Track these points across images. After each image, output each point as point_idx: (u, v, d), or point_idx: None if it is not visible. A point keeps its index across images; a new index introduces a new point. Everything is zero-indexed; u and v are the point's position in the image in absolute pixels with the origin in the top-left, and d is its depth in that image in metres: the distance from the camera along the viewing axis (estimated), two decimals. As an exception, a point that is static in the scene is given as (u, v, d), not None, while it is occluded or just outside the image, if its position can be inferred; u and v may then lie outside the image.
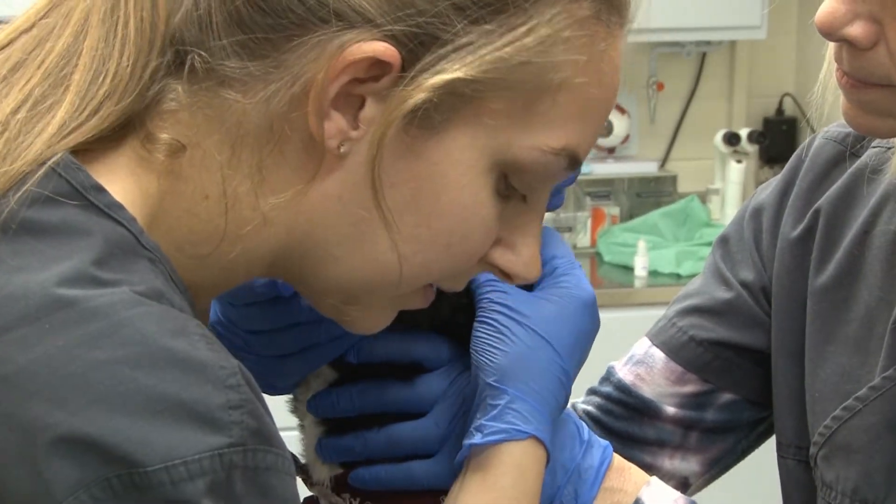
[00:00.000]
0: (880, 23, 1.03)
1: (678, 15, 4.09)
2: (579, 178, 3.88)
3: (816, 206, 1.29)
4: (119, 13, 0.82)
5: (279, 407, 1.03)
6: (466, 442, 1.00)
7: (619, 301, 3.90)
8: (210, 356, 0.76)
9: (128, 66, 0.83)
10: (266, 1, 0.80)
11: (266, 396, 0.83)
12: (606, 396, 1.35)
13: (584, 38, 0.85)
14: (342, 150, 0.82)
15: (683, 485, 1.27)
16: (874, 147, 1.27)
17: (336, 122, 0.81)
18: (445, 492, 1.06)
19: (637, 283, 3.97)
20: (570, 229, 4.32)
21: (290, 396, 1.13)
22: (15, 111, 0.81)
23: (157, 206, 0.85)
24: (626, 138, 4.43)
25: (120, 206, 0.81)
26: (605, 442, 1.12)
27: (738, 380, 1.32)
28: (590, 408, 1.36)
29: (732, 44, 4.50)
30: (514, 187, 0.88)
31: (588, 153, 0.89)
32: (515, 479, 1.02)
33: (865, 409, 1.18)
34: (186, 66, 0.83)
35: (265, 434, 0.77)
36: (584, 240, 4.31)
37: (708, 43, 4.46)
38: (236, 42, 0.81)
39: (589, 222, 4.33)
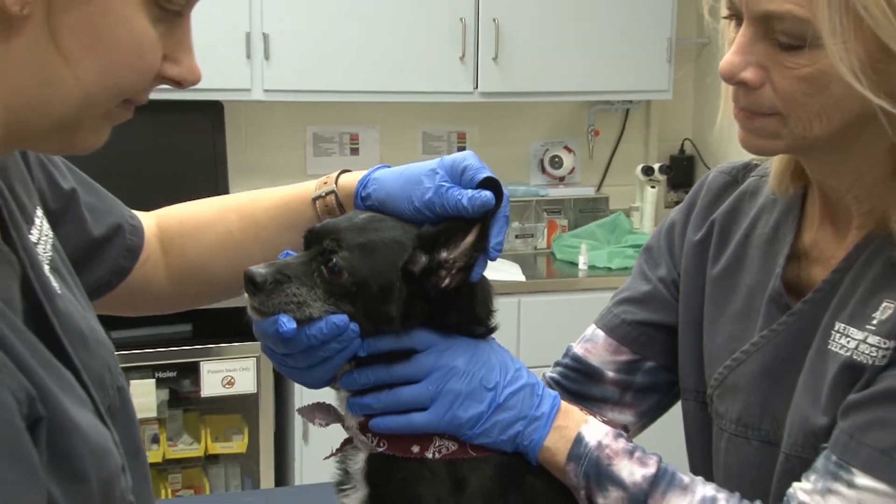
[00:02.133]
0: (766, 69, 1.02)
1: (609, 82, 4.07)
2: (538, 197, 3.90)
3: (712, 218, 1.29)
4: None
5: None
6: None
7: (567, 287, 3.84)
8: None
9: None
10: None
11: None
12: (565, 366, 1.34)
13: None
14: (25, 11, 0.75)
15: (624, 430, 1.25)
16: (752, 177, 1.28)
17: None
18: (437, 434, 1.07)
19: (580, 275, 3.94)
20: (532, 236, 4.29)
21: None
22: None
23: None
24: (573, 170, 4.41)
25: None
26: (554, 393, 1.12)
27: (657, 350, 1.31)
28: (555, 375, 1.34)
29: (648, 102, 4.48)
30: (166, 9, 0.82)
31: None
32: None
33: (748, 360, 1.18)
34: None
35: None
36: (541, 243, 4.31)
37: (630, 102, 4.43)
38: None
39: (545, 231, 4.31)
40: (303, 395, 3.50)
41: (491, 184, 1.03)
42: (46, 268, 0.92)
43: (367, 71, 3.74)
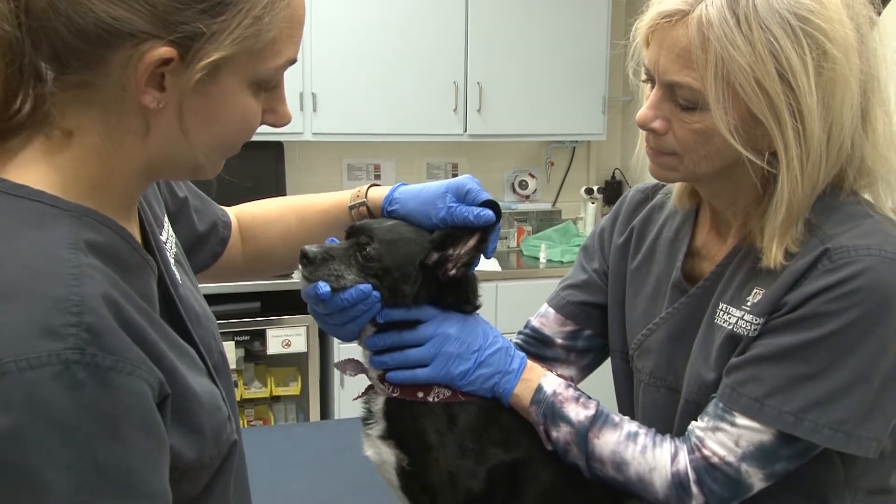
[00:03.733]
0: (670, 121, 1.02)
1: (561, 127, 4.06)
2: (510, 210, 3.88)
3: (631, 225, 1.27)
4: None
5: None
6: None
7: (531, 275, 3.82)
8: (63, 292, 0.66)
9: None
10: (85, 33, 0.71)
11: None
12: (526, 335, 1.33)
13: (277, 4, 0.76)
14: (159, 106, 0.75)
15: (570, 381, 1.25)
16: (660, 195, 1.27)
17: (150, 94, 0.74)
18: (436, 384, 1.07)
19: (541, 266, 3.91)
20: (506, 238, 4.28)
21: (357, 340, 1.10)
22: None
23: (72, 174, 0.75)
24: (535, 190, 4.38)
25: (26, 189, 0.72)
26: (522, 354, 1.13)
27: (593, 322, 1.29)
28: (518, 341, 1.33)
29: (589, 142, 4.45)
30: (265, 87, 0.81)
31: (298, 50, 0.81)
32: None
33: (658, 330, 1.17)
34: (49, 83, 0.75)
35: (104, 344, 0.65)
36: (513, 243, 4.29)
37: (576, 141, 4.41)
38: (74, 64, 0.73)
39: (516, 234, 4.29)
40: (339, 353, 3.50)
41: (491, 205, 1.05)
42: (172, 262, 0.92)
43: (386, 119, 3.73)
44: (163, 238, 0.93)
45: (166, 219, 0.98)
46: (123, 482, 0.66)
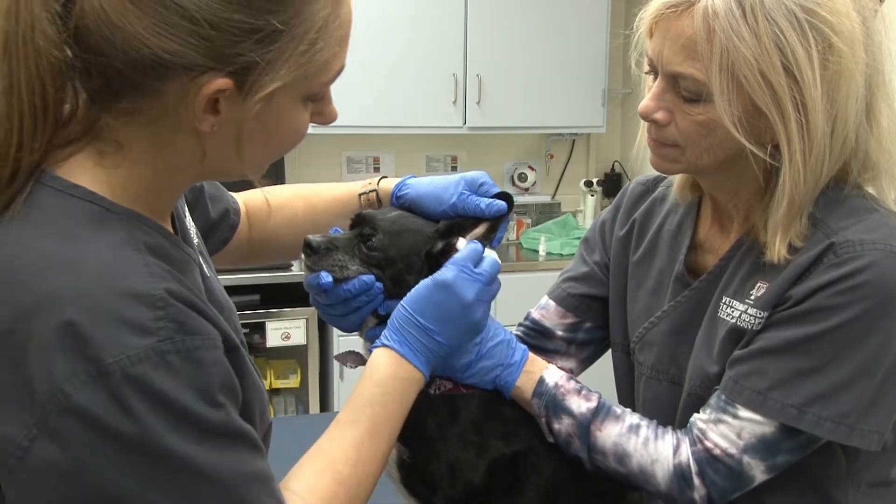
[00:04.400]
0: (672, 112, 1.02)
1: (560, 120, 4.02)
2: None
3: (633, 217, 1.27)
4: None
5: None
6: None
7: (531, 268, 3.81)
8: (144, 288, 0.70)
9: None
10: (140, 67, 0.72)
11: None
12: (526, 327, 1.32)
13: (329, 26, 0.77)
14: (213, 129, 0.76)
15: (570, 373, 1.25)
16: (661, 187, 1.26)
17: (206, 120, 0.75)
18: (437, 376, 1.06)
19: (540, 259, 3.91)
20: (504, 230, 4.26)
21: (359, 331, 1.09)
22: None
23: (121, 180, 0.77)
24: (534, 183, 4.37)
25: (83, 190, 0.75)
26: (524, 346, 1.11)
27: (593, 315, 1.29)
28: (518, 333, 1.32)
29: (588, 135, 4.44)
30: (316, 98, 0.82)
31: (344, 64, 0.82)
32: (368, 372, 0.95)
33: (660, 323, 1.17)
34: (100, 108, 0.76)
35: (187, 328, 0.71)
36: (512, 236, 4.29)
37: (576, 134, 4.39)
38: (138, 92, 0.74)
39: (515, 227, 4.29)
40: (338, 346, 3.50)
41: (505, 196, 1.06)
42: (198, 254, 0.93)
43: (386, 112, 3.72)
44: (189, 229, 0.94)
45: (186, 208, 0.98)
46: (230, 434, 0.73)
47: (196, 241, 0.96)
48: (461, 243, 1.03)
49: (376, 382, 0.92)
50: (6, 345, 0.68)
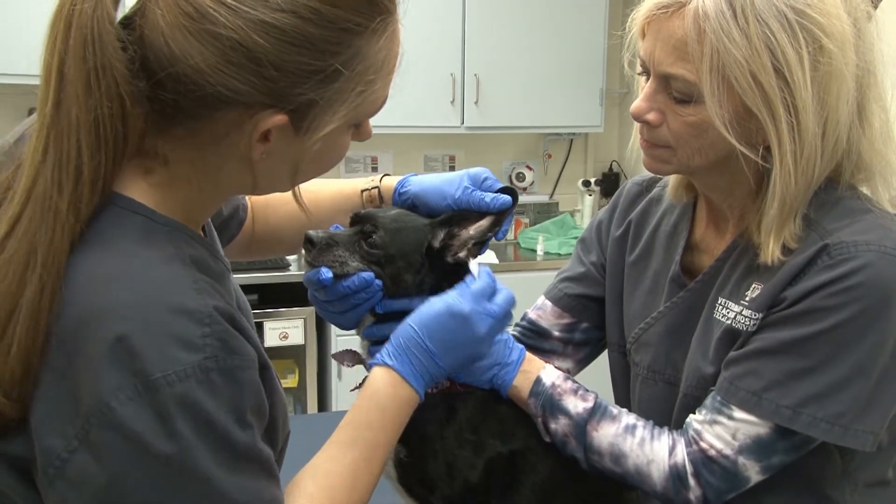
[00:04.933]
0: (664, 113, 1.02)
1: (558, 119, 4.03)
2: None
3: (629, 218, 1.27)
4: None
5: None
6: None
7: (528, 268, 3.83)
8: (194, 304, 0.71)
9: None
10: (199, 100, 0.73)
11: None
12: (523, 327, 1.32)
13: (385, 65, 0.81)
14: (262, 156, 0.77)
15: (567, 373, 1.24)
16: (657, 188, 1.26)
17: (258, 148, 0.76)
18: None
19: (538, 258, 3.92)
20: (509, 223, 4.27)
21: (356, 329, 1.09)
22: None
23: (166, 194, 0.79)
24: (532, 183, 4.38)
25: (135, 203, 0.77)
26: (521, 346, 1.11)
27: (589, 315, 1.29)
28: (515, 333, 1.32)
29: (586, 134, 4.45)
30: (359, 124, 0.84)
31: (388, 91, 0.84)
32: (368, 391, 0.94)
33: (656, 324, 1.17)
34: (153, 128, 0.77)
35: (230, 348, 0.72)
36: (510, 236, 4.28)
37: (573, 134, 4.40)
38: (202, 126, 0.76)
39: (513, 226, 4.28)
40: (336, 346, 3.50)
41: (509, 191, 1.07)
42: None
43: (384, 111, 3.67)
44: (214, 232, 0.95)
45: None
46: (254, 459, 0.74)
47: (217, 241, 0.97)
48: (474, 267, 1.03)
49: (377, 405, 0.91)
50: (56, 357, 0.69)
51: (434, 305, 0.96)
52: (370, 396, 0.92)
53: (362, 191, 1.16)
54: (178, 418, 0.67)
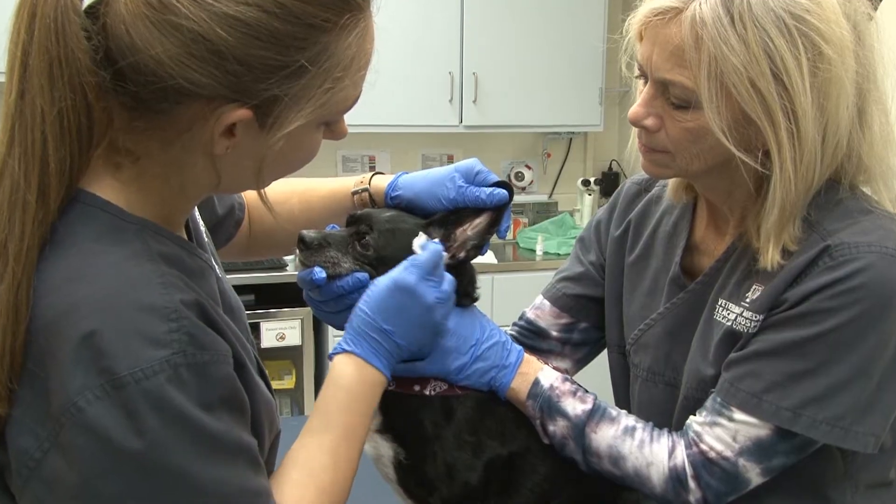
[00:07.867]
0: (662, 119, 1.02)
1: (557, 118, 4.03)
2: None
3: (628, 218, 1.27)
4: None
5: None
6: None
7: (527, 268, 3.82)
8: (160, 300, 0.71)
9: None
10: (161, 93, 0.72)
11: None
12: (521, 327, 1.32)
13: (354, 63, 0.79)
14: (227, 151, 0.76)
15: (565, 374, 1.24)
16: (657, 187, 1.27)
17: (222, 143, 0.75)
18: (433, 377, 1.06)
19: (537, 258, 3.92)
20: (509, 218, 4.26)
21: None
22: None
23: (135, 191, 0.78)
24: (531, 182, 4.37)
25: (100, 200, 0.76)
26: (519, 347, 1.11)
27: (588, 315, 1.29)
28: (513, 332, 1.32)
29: (585, 133, 4.45)
30: (330, 122, 0.84)
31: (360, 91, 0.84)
32: (333, 378, 0.93)
33: (655, 325, 1.17)
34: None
35: (199, 343, 0.72)
36: (509, 236, 4.26)
37: (573, 133, 4.40)
38: (163, 120, 0.75)
39: (511, 226, 4.27)
40: (333, 345, 3.50)
41: (503, 185, 1.05)
42: (211, 257, 0.93)
43: (382, 110, 3.69)
44: (203, 232, 0.94)
45: (196, 209, 0.99)
46: (232, 450, 0.74)
47: (206, 240, 0.96)
48: (420, 240, 1.02)
49: (343, 388, 0.91)
50: (26, 358, 0.69)
51: (381, 283, 0.95)
52: (335, 382, 0.92)
53: (353, 193, 1.16)
54: (147, 415, 0.67)
